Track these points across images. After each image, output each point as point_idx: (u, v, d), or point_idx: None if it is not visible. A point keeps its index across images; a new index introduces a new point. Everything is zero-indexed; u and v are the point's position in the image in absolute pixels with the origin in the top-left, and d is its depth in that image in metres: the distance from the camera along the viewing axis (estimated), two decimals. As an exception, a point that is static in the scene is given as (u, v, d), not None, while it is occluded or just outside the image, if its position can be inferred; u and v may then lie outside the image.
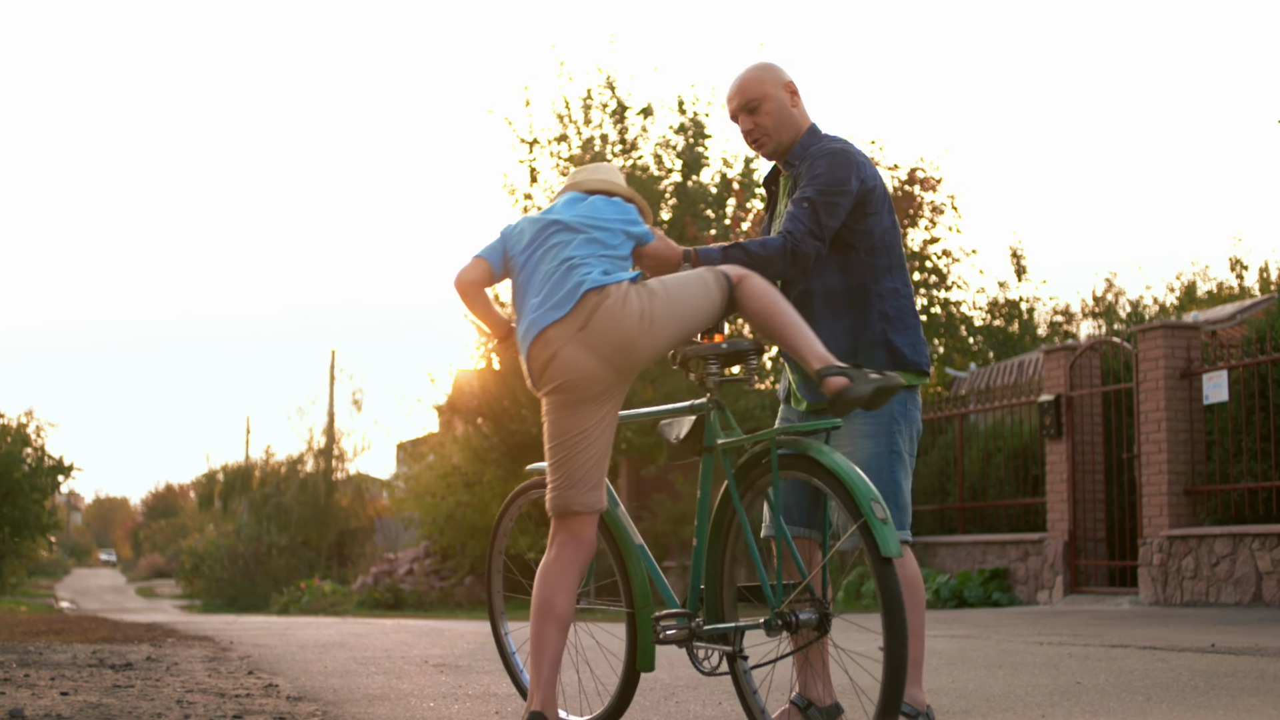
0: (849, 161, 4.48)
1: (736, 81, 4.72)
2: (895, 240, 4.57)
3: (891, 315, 4.47)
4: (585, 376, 4.11)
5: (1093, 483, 14.06)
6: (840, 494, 3.88)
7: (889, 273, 4.51)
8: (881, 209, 4.52)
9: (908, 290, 4.58)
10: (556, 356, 4.10)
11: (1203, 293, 27.88)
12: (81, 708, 5.34)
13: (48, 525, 38.47)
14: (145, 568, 79.13)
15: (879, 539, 3.79)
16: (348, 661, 8.03)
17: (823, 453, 3.96)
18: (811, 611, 4.10)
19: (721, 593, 4.41)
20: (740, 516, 4.23)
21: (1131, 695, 5.55)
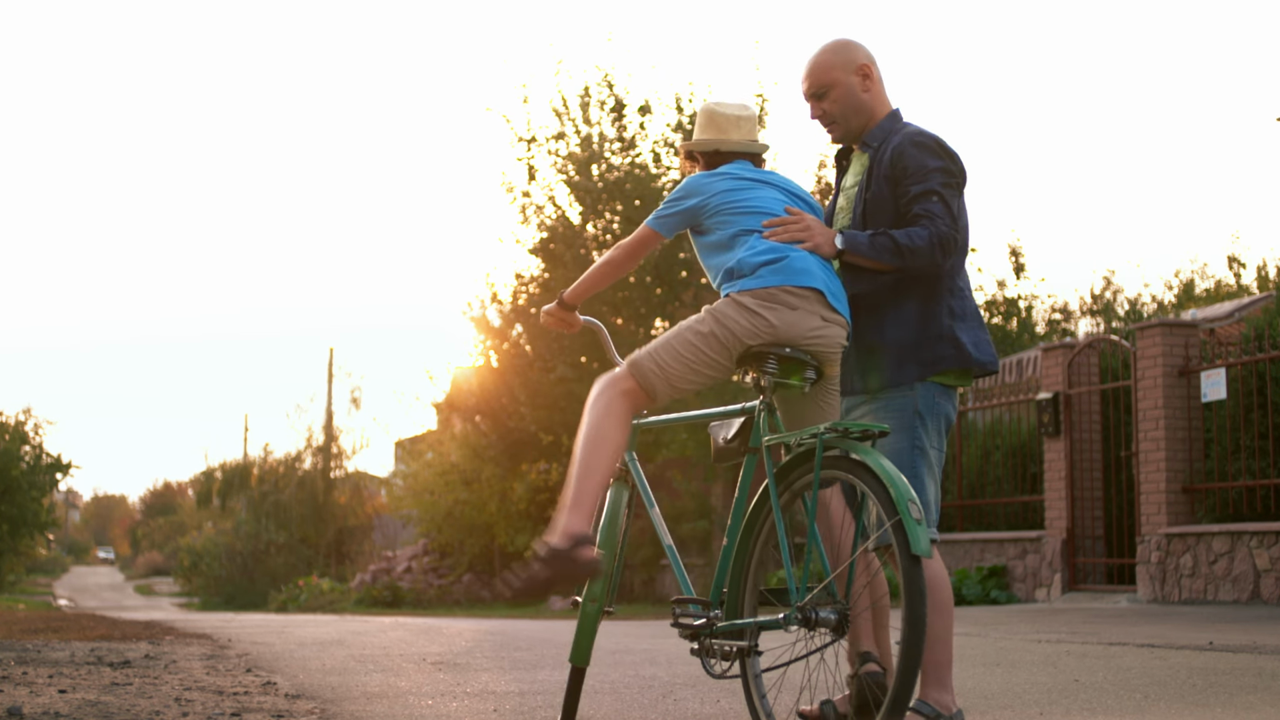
0: (947, 147, 4.41)
1: (808, 64, 4.58)
2: (966, 236, 4.43)
3: (960, 312, 4.37)
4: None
5: (1091, 481, 14.06)
6: (880, 493, 3.91)
7: (960, 272, 4.43)
8: (961, 201, 4.41)
9: (969, 290, 4.47)
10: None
11: (1201, 290, 27.91)
12: (80, 705, 5.33)
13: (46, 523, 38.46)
14: (143, 566, 79.12)
15: (911, 537, 3.81)
16: (346, 659, 8.03)
17: (868, 454, 3.98)
18: (831, 611, 4.09)
19: (744, 593, 4.40)
20: (776, 515, 4.25)
21: (1129, 693, 5.55)
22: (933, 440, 4.35)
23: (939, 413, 4.37)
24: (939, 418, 4.37)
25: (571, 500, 4.23)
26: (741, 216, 4.47)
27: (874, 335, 4.40)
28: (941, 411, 4.37)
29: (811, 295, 4.25)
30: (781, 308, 4.24)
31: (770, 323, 4.22)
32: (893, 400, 4.34)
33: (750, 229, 4.43)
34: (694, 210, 4.56)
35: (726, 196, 4.51)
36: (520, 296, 24.39)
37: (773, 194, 4.54)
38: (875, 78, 4.56)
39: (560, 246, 22.90)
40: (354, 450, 44.04)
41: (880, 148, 4.46)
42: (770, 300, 4.25)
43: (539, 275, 23.90)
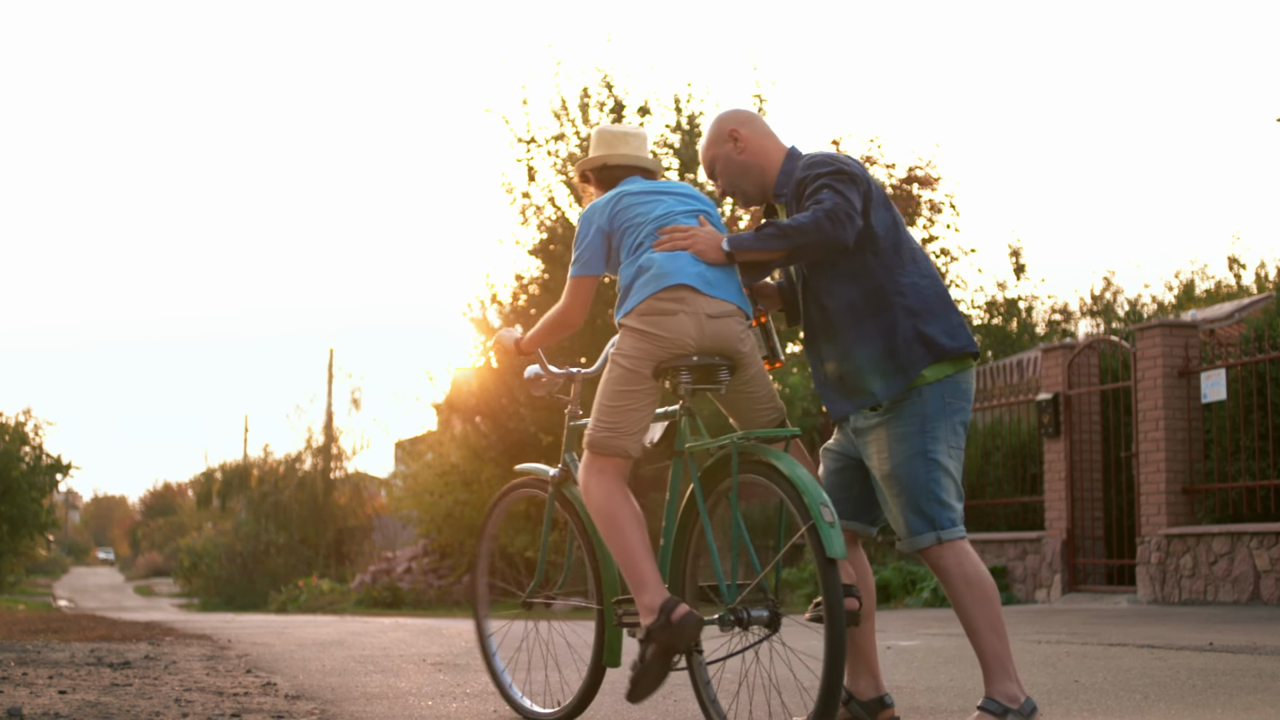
0: (836, 155, 4.51)
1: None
2: (901, 236, 4.49)
3: (918, 308, 4.39)
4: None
5: (1091, 481, 14.06)
6: (793, 498, 4.08)
7: (903, 269, 4.44)
8: (879, 206, 4.45)
9: (930, 279, 4.49)
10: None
11: (1201, 291, 27.91)
12: (80, 706, 5.33)
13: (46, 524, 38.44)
14: (143, 566, 79.10)
15: (824, 540, 3.98)
16: (346, 660, 8.03)
17: (779, 457, 4.16)
18: (764, 609, 4.28)
19: (683, 591, 4.55)
20: (703, 517, 4.40)
21: (1129, 694, 5.56)
22: (949, 441, 4.37)
23: (951, 413, 4.39)
24: (951, 418, 4.39)
25: (635, 585, 4.38)
26: (635, 230, 4.60)
27: (842, 361, 4.46)
28: (954, 411, 4.39)
29: (685, 293, 4.39)
30: (663, 317, 4.39)
31: (663, 337, 4.39)
32: (904, 409, 4.37)
33: (640, 243, 4.56)
34: (602, 235, 4.68)
35: (627, 214, 4.64)
36: (520, 297, 24.38)
37: (670, 203, 4.64)
38: (746, 135, 4.66)
39: (560, 247, 22.90)
40: (354, 451, 44.06)
41: (789, 191, 4.55)
42: (650, 314, 4.40)
43: (539, 276, 23.90)
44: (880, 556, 16.39)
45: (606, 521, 4.50)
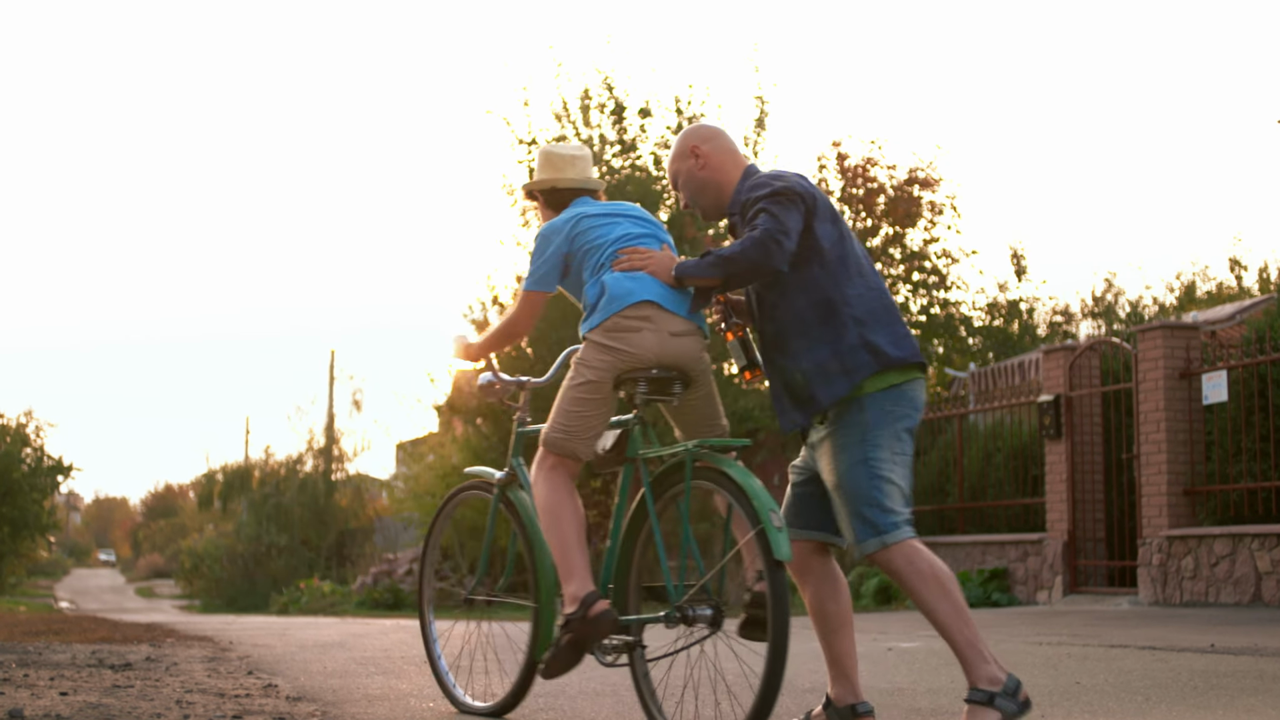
0: (783, 174, 4.58)
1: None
2: (848, 248, 4.57)
3: (864, 318, 4.47)
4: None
5: (1092, 483, 14.06)
6: (743, 503, 4.33)
7: (850, 280, 4.51)
8: (825, 218, 4.53)
9: (877, 291, 4.56)
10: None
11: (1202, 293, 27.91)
12: (81, 708, 5.34)
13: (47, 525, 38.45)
14: (144, 568, 79.10)
15: (772, 543, 4.22)
16: (347, 662, 8.03)
17: (731, 466, 4.42)
18: (707, 608, 4.48)
19: (629, 589, 4.81)
20: (653, 520, 4.67)
21: (1131, 695, 5.56)
22: (892, 449, 4.43)
23: (893, 421, 4.45)
24: (894, 426, 4.44)
25: (564, 574, 4.76)
26: (595, 252, 4.93)
27: (793, 369, 4.54)
28: (896, 418, 4.45)
29: (650, 310, 4.72)
30: (628, 333, 4.71)
31: (626, 351, 4.72)
32: (846, 420, 4.44)
33: (602, 263, 4.89)
34: (560, 255, 5.02)
35: (587, 236, 4.96)
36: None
37: (626, 225, 4.99)
38: (707, 152, 4.78)
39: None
40: (355, 452, 44.02)
41: (738, 210, 4.66)
42: (615, 330, 4.72)
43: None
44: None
45: (549, 515, 4.85)
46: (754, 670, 4.36)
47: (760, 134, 24.51)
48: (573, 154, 5.29)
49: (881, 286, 4.60)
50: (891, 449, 4.42)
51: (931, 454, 16.71)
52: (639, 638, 4.76)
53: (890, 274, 22.54)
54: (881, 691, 5.92)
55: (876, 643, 8.84)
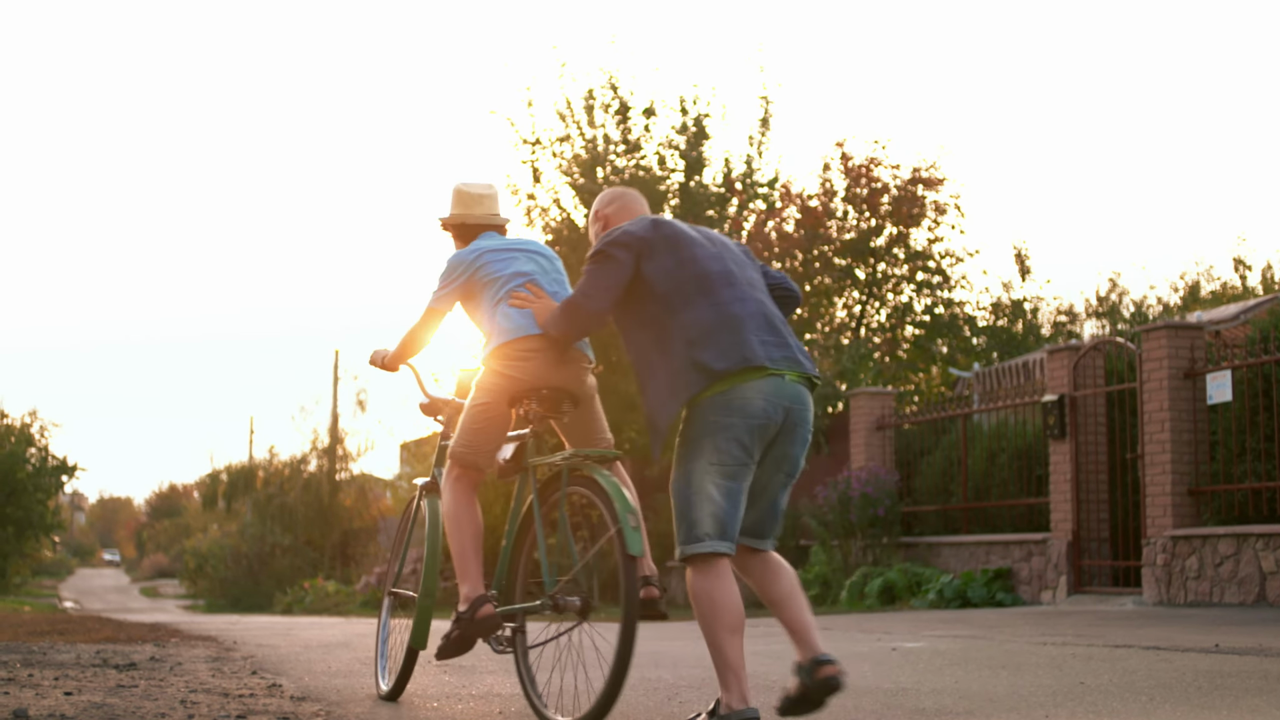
0: (610, 234, 4.94)
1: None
2: (687, 273, 4.81)
3: (696, 337, 4.70)
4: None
5: (1096, 483, 14.05)
6: (606, 505, 4.90)
7: (687, 303, 4.77)
8: (659, 253, 4.83)
9: (717, 307, 4.76)
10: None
11: (1206, 293, 27.87)
12: (85, 708, 5.34)
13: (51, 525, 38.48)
14: (149, 568, 79.17)
15: (626, 540, 4.76)
16: (351, 662, 8.04)
17: (599, 473, 5.01)
18: (576, 598, 5.09)
19: (516, 584, 5.46)
20: (536, 521, 5.32)
21: (1135, 695, 5.55)
22: (710, 459, 4.63)
23: (716, 431, 4.63)
24: (716, 436, 4.63)
25: (460, 575, 5.41)
26: (494, 285, 5.57)
27: (643, 400, 4.86)
28: (721, 428, 4.63)
29: (537, 342, 5.36)
30: (519, 362, 5.37)
31: (516, 377, 5.37)
32: (681, 433, 4.74)
33: (500, 296, 5.53)
34: (463, 283, 5.68)
35: (485, 271, 5.62)
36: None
37: (521, 261, 5.65)
38: (608, 214, 5.25)
39: (565, 249, 22.90)
40: (359, 452, 44.02)
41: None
42: (508, 359, 5.39)
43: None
44: (886, 558, 16.38)
45: (451, 522, 5.56)
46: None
47: (765, 133, 24.52)
48: (481, 193, 5.96)
49: (733, 299, 4.80)
50: (710, 459, 4.62)
51: (936, 454, 16.70)
52: (522, 624, 5.38)
53: (894, 274, 22.54)
54: (886, 691, 5.92)
55: (880, 643, 8.84)
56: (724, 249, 4.97)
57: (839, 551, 16.82)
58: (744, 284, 4.89)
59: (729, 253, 4.97)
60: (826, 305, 22.78)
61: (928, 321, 22.83)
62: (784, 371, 4.71)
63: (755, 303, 4.85)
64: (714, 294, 4.78)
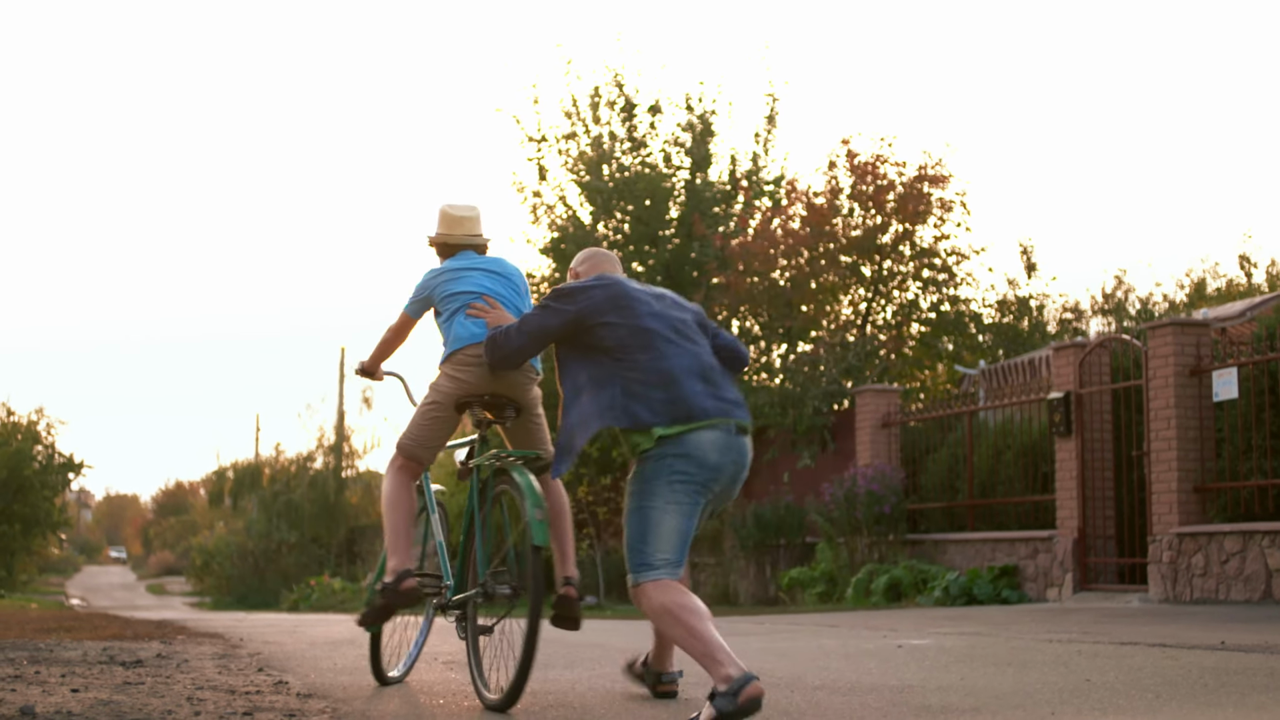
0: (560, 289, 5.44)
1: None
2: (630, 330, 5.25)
3: (634, 390, 5.13)
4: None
5: (1102, 480, 14.04)
6: (520, 502, 5.51)
7: (628, 357, 5.21)
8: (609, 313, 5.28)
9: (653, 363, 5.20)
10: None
11: (1212, 290, 27.83)
12: (92, 705, 5.35)
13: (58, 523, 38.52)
14: (155, 565, 79.28)
15: (533, 532, 5.41)
16: (357, 659, 8.05)
17: (519, 472, 5.64)
18: (508, 586, 5.70)
19: (467, 573, 6.04)
20: (476, 516, 5.98)
21: (1141, 693, 5.55)
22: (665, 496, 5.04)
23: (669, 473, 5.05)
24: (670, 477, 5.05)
25: (390, 551, 6.09)
26: (451, 299, 6.22)
27: (563, 415, 5.33)
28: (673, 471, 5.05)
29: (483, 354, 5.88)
30: (469, 367, 6.01)
31: (465, 381, 6.02)
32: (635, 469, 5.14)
33: (456, 309, 6.18)
34: (427, 298, 6.39)
35: (444, 286, 6.28)
36: (532, 296, 24.37)
37: (478, 278, 6.27)
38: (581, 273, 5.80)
39: (571, 246, 22.91)
40: (365, 450, 44.07)
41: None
42: (459, 364, 6.04)
43: (550, 275, 23.92)
44: (892, 556, 16.38)
45: (388, 503, 6.18)
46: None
47: (771, 131, 24.51)
48: (463, 214, 6.56)
49: (676, 353, 5.25)
50: (665, 498, 5.03)
51: (941, 451, 16.69)
52: (470, 611, 5.94)
53: (900, 271, 22.52)
54: (891, 688, 5.92)
55: (886, 640, 8.85)
56: (670, 309, 5.43)
57: (845, 549, 16.83)
58: (683, 340, 5.33)
59: (676, 312, 5.43)
60: (832, 303, 22.77)
61: (933, 319, 22.80)
62: (717, 421, 5.10)
63: (692, 356, 5.28)
64: (654, 349, 5.23)
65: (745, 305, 22.23)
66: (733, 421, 5.16)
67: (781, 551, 18.87)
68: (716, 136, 24.24)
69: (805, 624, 11.28)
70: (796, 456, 19.66)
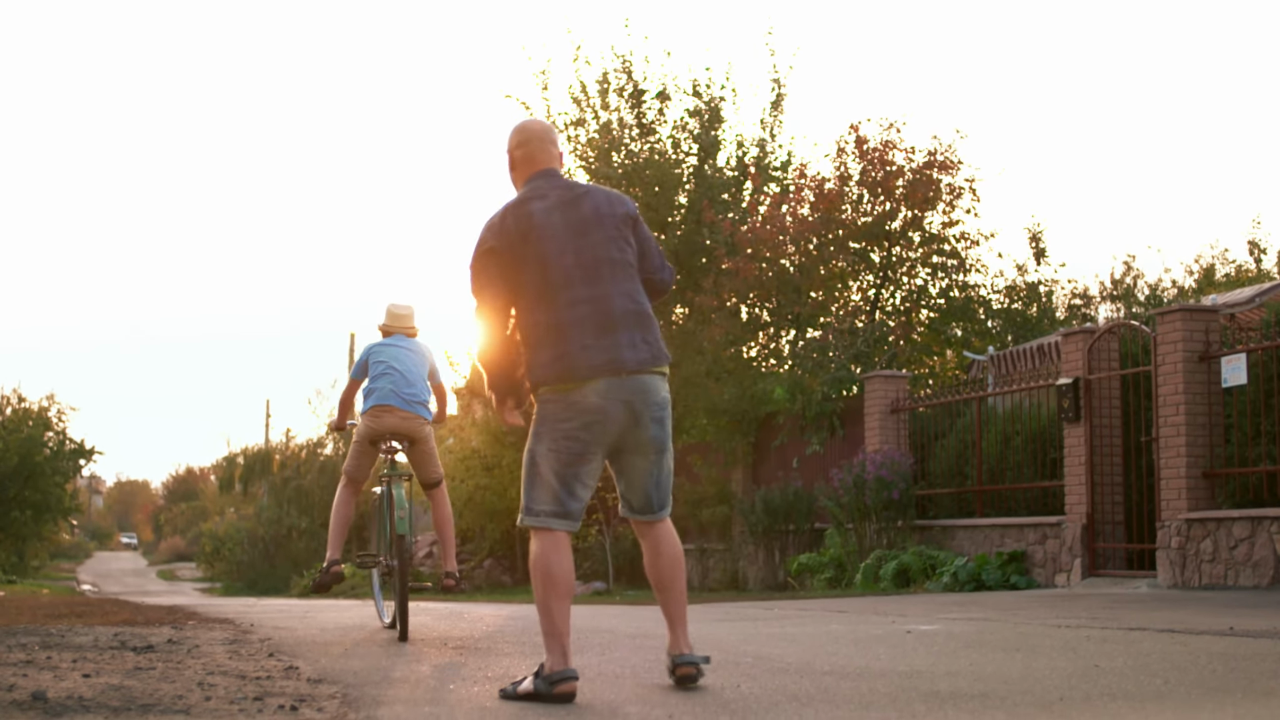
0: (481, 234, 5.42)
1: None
2: (529, 274, 5.23)
3: (532, 341, 5.24)
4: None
5: (1111, 466, 14.04)
6: (389, 505, 8.85)
7: (527, 306, 5.26)
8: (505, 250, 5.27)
9: (547, 315, 5.20)
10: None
11: (1221, 276, 27.80)
12: (103, 690, 5.38)
13: (69, 509, 38.65)
14: (166, 551, 79.47)
15: (395, 524, 8.56)
16: (368, 644, 8.07)
17: (396, 485, 8.89)
18: (381, 558, 9.15)
19: (379, 546, 9.34)
20: (383, 512, 9.16)
21: (1150, 678, 5.56)
22: (549, 445, 5.17)
23: (554, 419, 5.17)
24: (554, 423, 5.17)
25: (329, 544, 9.33)
26: (375, 366, 9.20)
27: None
28: (556, 418, 5.17)
29: (384, 408, 9.04)
30: (377, 417, 9.05)
31: (374, 427, 9.07)
32: (534, 418, 5.29)
33: (377, 374, 9.16)
34: (364, 364, 9.33)
35: (374, 358, 9.25)
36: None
37: (398, 352, 9.21)
38: (511, 156, 5.58)
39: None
40: (375, 435, 44.07)
41: None
42: (372, 415, 9.07)
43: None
44: (900, 541, 16.39)
45: (332, 512, 9.47)
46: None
47: (777, 116, 24.46)
48: (400, 312, 9.49)
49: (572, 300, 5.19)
50: (549, 446, 5.16)
51: (950, 437, 16.69)
52: (378, 572, 9.58)
53: (909, 257, 22.48)
54: (900, 674, 5.93)
55: (895, 625, 8.86)
56: (583, 232, 5.27)
57: (854, 534, 16.84)
58: (583, 282, 5.21)
59: (586, 239, 5.27)
60: (841, 289, 22.74)
61: (942, 305, 22.76)
62: (606, 376, 5.10)
63: (589, 304, 5.19)
64: (551, 297, 5.21)
65: (754, 291, 22.22)
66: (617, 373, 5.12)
67: (790, 537, 18.88)
68: (724, 123, 24.19)
69: (814, 609, 11.29)
70: (805, 443, 19.67)
